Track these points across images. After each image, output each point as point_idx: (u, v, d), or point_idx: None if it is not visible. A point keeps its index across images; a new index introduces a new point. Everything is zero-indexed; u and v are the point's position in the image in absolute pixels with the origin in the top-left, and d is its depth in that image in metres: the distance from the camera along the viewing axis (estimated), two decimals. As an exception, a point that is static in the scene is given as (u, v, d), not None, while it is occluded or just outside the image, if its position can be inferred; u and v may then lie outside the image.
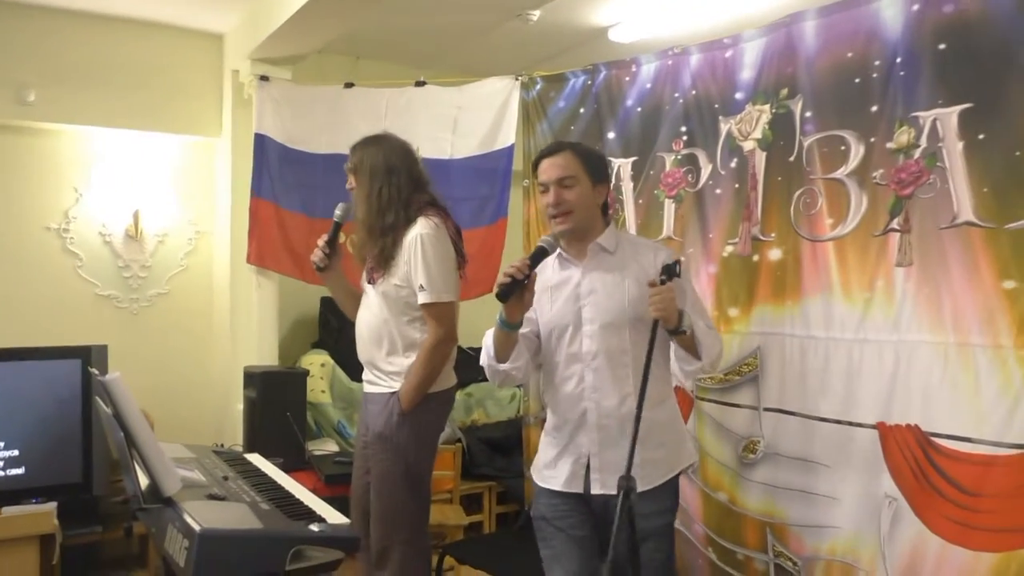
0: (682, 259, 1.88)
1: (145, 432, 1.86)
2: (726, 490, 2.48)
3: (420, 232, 2.36)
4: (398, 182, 2.41)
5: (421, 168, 2.52)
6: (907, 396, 2.06)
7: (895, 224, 2.11)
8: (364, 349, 2.53)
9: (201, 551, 1.60)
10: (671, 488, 2.00)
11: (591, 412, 1.98)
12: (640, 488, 1.88)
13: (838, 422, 2.21)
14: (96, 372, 1.92)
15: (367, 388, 2.56)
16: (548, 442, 2.10)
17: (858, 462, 2.16)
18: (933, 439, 2.01)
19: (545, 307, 2.05)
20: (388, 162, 2.43)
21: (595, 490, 1.98)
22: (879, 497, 2.10)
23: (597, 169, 2.02)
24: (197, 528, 1.62)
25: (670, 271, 1.82)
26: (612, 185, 2.53)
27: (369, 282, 2.50)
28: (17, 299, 3.80)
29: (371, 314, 2.48)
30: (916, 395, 2.05)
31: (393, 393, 2.42)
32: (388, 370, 2.44)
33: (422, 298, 2.36)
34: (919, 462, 2.03)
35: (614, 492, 1.88)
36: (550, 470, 2.06)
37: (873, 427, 2.13)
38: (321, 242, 2.55)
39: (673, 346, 1.96)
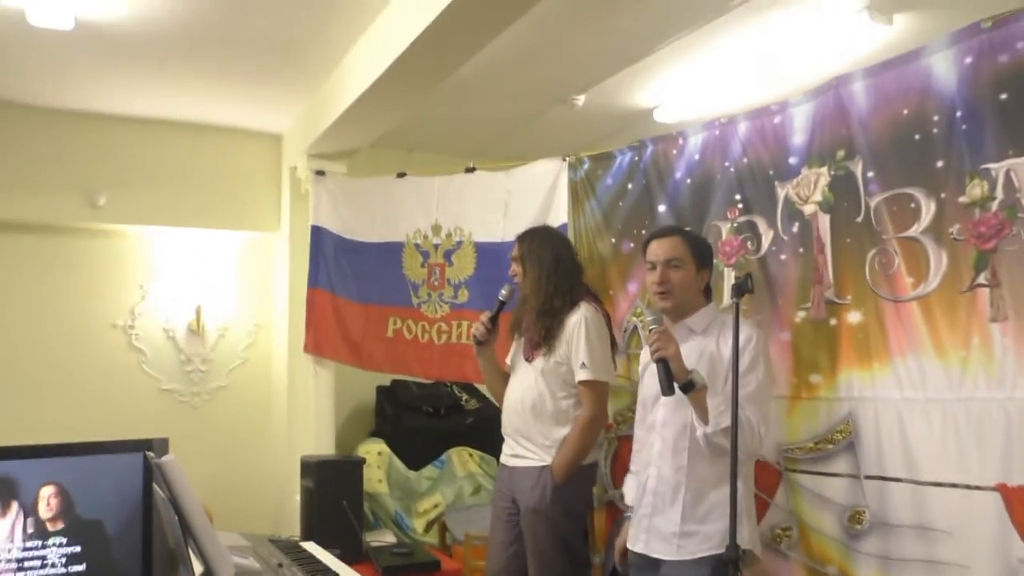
0: (751, 277, 1.95)
1: (200, 516, 1.83)
2: (836, 564, 2.32)
3: (584, 315, 2.60)
4: (565, 269, 2.68)
5: (579, 259, 2.81)
6: None
7: (982, 279, 2.02)
8: (515, 421, 2.69)
9: (256, 642, 1.53)
10: (710, 563, 2.01)
11: (652, 477, 2.16)
12: (678, 557, 2.05)
13: (953, 485, 2.06)
14: (151, 455, 1.91)
15: (512, 462, 2.71)
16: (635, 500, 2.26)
17: (984, 527, 1.99)
18: None
19: (647, 382, 2.25)
20: (556, 251, 2.70)
21: (637, 548, 2.15)
22: (1013, 563, 1.93)
23: (703, 254, 2.21)
24: (253, 617, 1.56)
25: (740, 288, 1.91)
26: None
27: (527, 360, 2.70)
28: (85, 395, 3.89)
29: (526, 388, 2.66)
30: None
31: (545, 466, 2.59)
32: (541, 443, 2.62)
33: (582, 375, 2.56)
34: None
35: (655, 556, 2.10)
36: (633, 530, 2.22)
37: (993, 489, 1.98)
38: (484, 318, 2.76)
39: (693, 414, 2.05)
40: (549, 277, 2.64)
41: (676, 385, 1.99)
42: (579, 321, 2.58)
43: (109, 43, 3.22)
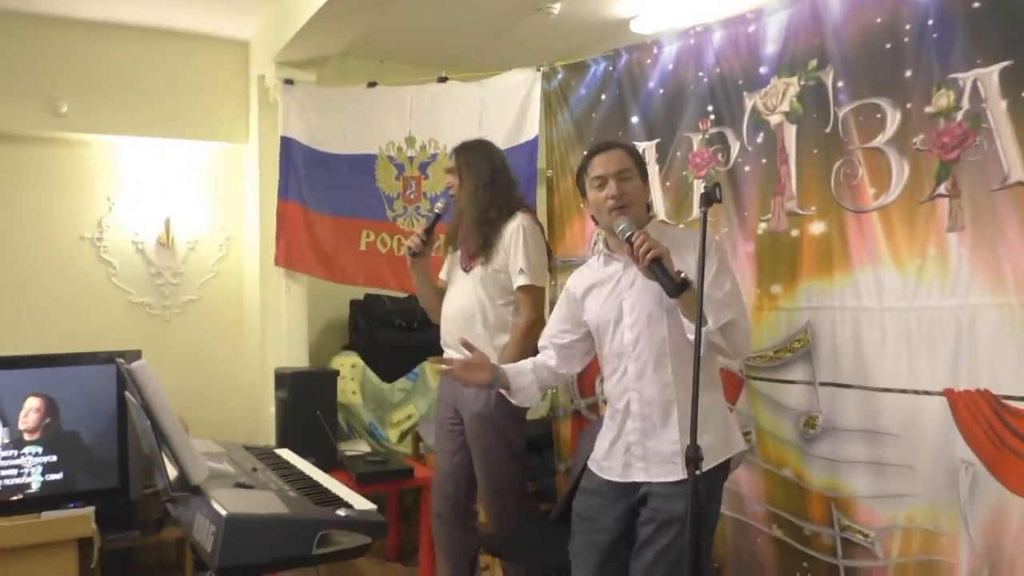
0: (719, 187, 1.81)
1: (172, 420, 1.85)
2: (791, 466, 2.42)
3: (522, 223, 2.65)
4: (501, 180, 2.72)
5: (513, 171, 2.85)
6: (973, 361, 1.99)
7: (942, 189, 2.04)
8: (455, 331, 2.70)
9: (227, 535, 1.58)
10: (720, 473, 2.00)
11: (634, 402, 2.03)
12: (681, 476, 1.90)
13: (903, 391, 2.14)
14: (123, 362, 1.92)
15: None
16: (603, 433, 2.14)
17: (929, 430, 2.08)
18: (1005, 402, 1.94)
19: (591, 306, 2.12)
20: (492, 164, 2.75)
21: (638, 478, 2.01)
22: (955, 463, 2.03)
23: (643, 167, 2.12)
24: (223, 512, 1.61)
25: (708, 197, 1.77)
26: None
27: (465, 270, 2.74)
28: (53, 308, 3.86)
29: (464, 298, 2.72)
30: (983, 359, 1.97)
31: None
32: (483, 350, 2.59)
33: (520, 280, 2.62)
34: (992, 426, 1.96)
35: (658, 479, 1.97)
36: (607, 461, 2.09)
37: (940, 394, 2.06)
38: (419, 229, 2.81)
39: (683, 318, 1.90)
40: (486, 188, 2.68)
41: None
42: (516, 229, 2.64)
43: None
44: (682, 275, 1.83)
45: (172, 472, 1.91)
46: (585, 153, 2.17)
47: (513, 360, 2.55)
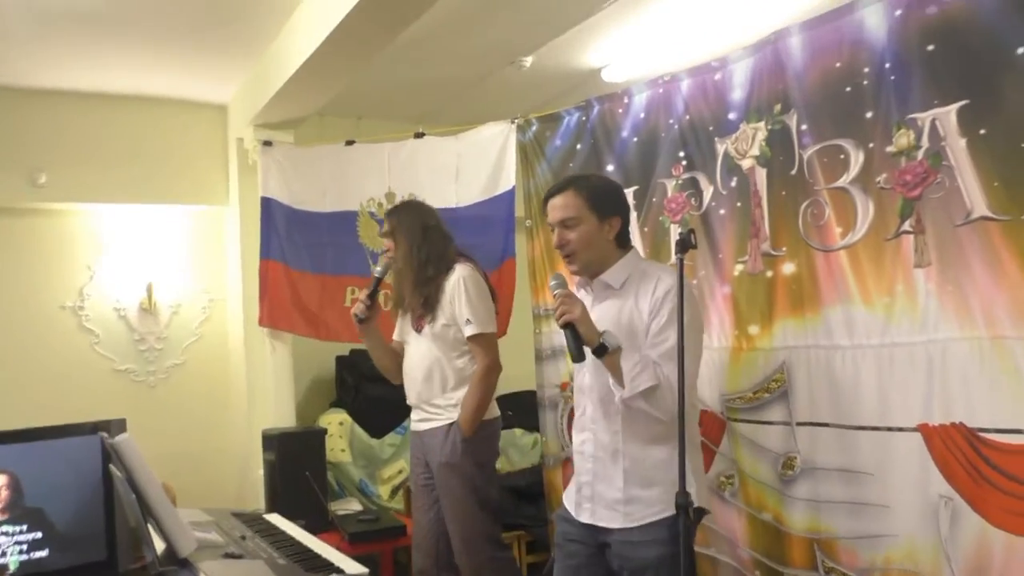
0: (694, 233, 1.84)
1: (157, 493, 1.84)
2: (770, 510, 2.41)
3: (461, 275, 2.72)
4: (434, 238, 2.78)
5: (446, 226, 2.89)
6: (946, 395, 2.01)
7: (907, 226, 2.09)
8: (416, 390, 2.80)
9: (217, 610, 1.56)
10: (656, 528, 1.92)
11: (588, 443, 2.05)
12: (624, 524, 1.95)
13: (876, 429, 2.15)
14: (106, 436, 1.92)
15: (421, 427, 2.82)
16: (575, 461, 2.16)
17: (905, 467, 2.09)
18: (981, 434, 1.95)
19: None
20: (424, 222, 2.80)
21: (585, 519, 2.03)
22: (933, 499, 2.03)
23: (605, 204, 2.02)
24: (213, 587, 1.58)
25: (684, 243, 1.79)
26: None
27: (416, 330, 2.80)
28: (36, 379, 3.83)
29: (421, 356, 2.78)
30: (956, 393, 1.99)
31: (452, 423, 2.71)
32: (444, 404, 2.74)
33: (469, 331, 2.68)
34: (969, 459, 1.97)
35: (602, 524, 1.99)
36: (570, 493, 2.13)
37: (915, 430, 2.07)
38: (362, 296, 2.84)
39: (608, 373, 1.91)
40: (420, 247, 2.75)
41: (587, 350, 1.87)
42: (457, 282, 2.71)
43: (41, 13, 3.11)
44: (601, 340, 1.84)
45: (160, 545, 1.89)
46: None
47: (475, 406, 2.66)
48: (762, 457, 2.44)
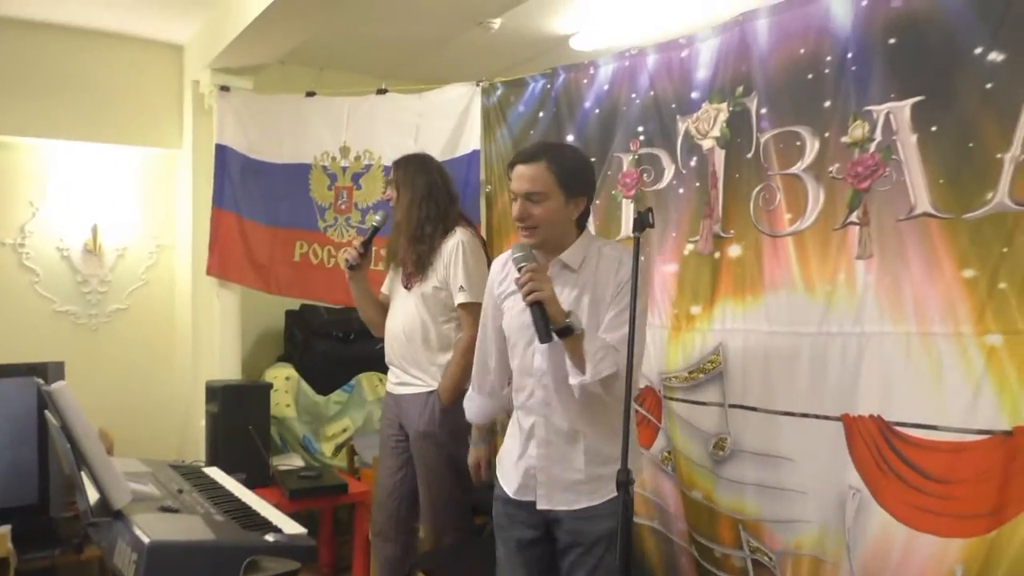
0: (652, 211, 1.80)
1: (93, 443, 1.80)
2: (700, 488, 2.46)
3: (461, 239, 2.64)
4: (439, 197, 2.69)
5: (455, 186, 2.81)
6: (869, 387, 2.06)
7: (854, 217, 2.12)
8: (399, 350, 2.73)
9: (150, 563, 1.55)
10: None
11: (539, 427, 1.98)
12: (588, 503, 1.93)
13: (804, 415, 2.20)
14: (41, 382, 1.87)
15: (399, 390, 2.75)
16: (508, 445, 2.09)
17: (824, 455, 2.15)
18: (897, 428, 2.01)
19: (509, 311, 2.04)
20: (430, 178, 2.72)
21: (540, 505, 1.97)
22: (844, 489, 2.09)
23: (573, 182, 1.93)
24: (146, 540, 1.58)
25: (641, 222, 1.74)
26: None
27: (405, 287, 2.72)
28: (-30, 317, 3.71)
29: (407, 316, 2.70)
30: (878, 386, 2.04)
31: (432, 391, 2.66)
32: (427, 369, 2.68)
33: (461, 298, 2.60)
34: (881, 451, 2.03)
35: (559, 508, 1.95)
36: (511, 475, 2.04)
37: (838, 419, 2.13)
38: (356, 243, 2.77)
39: (566, 355, 1.85)
40: (421, 203, 2.66)
41: (552, 330, 1.79)
42: (455, 245, 2.63)
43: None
44: (567, 321, 1.78)
45: (93, 496, 1.86)
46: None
47: (456, 378, 2.60)
48: (695, 436, 2.48)
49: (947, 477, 1.92)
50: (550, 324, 1.79)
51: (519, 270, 1.85)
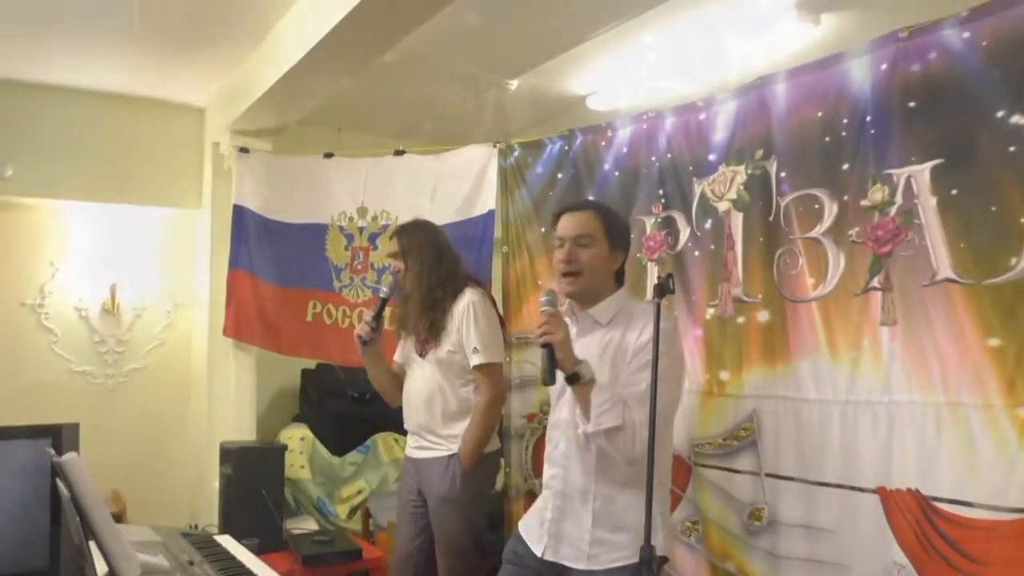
0: (673, 278, 1.80)
1: (102, 516, 1.77)
2: (734, 559, 2.37)
3: (471, 300, 2.62)
4: (446, 261, 2.69)
5: (454, 248, 2.80)
6: (904, 459, 1.99)
7: (875, 283, 2.08)
8: (417, 416, 2.70)
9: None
10: (629, 571, 1.85)
11: (558, 479, 2.01)
12: (588, 567, 1.91)
13: (840, 486, 2.13)
14: (53, 453, 1.85)
15: (418, 454, 2.71)
16: (539, 498, 2.12)
17: (865, 528, 2.07)
18: (934, 503, 1.93)
19: None
20: (437, 244, 2.71)
21: (547, 556, 1.98)
22: (889, 564, 2.01)
23: (617, 234, 2.01)
24: (152, 620, 1.53)
25: (662, 288, 1.76)
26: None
27: (420, 355, 2.69)
28: (-11, 377, 3.72)
29: (424, 382, 2.68)
30: (912, 458, 1.97)
31: (452, 456, 2.61)
32: (445, 433, 2.64)
33: (476, 360, 2.58)
34: (923, 528, 1.95)
35: (564, 562, 1.95)
36: (529, 524, 2.08)
37: (874, 492, 2.05)
38: (368, 317, 2.71)
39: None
40: (432, 270, 2.65)
41: (561, 374, 1.84)
42: (467, 307, 2.60)
43: (19, 4, 3.04)
44: (576, 368, 1.81)
45: (102, 568, 1.82)
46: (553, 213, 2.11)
47: (476, 440, 2.57)
48: (729, 505, 2.41)
49: (984, 558, 1.83)
50: (556, 368, 1.82)
51: (541, 313, 1.88)
